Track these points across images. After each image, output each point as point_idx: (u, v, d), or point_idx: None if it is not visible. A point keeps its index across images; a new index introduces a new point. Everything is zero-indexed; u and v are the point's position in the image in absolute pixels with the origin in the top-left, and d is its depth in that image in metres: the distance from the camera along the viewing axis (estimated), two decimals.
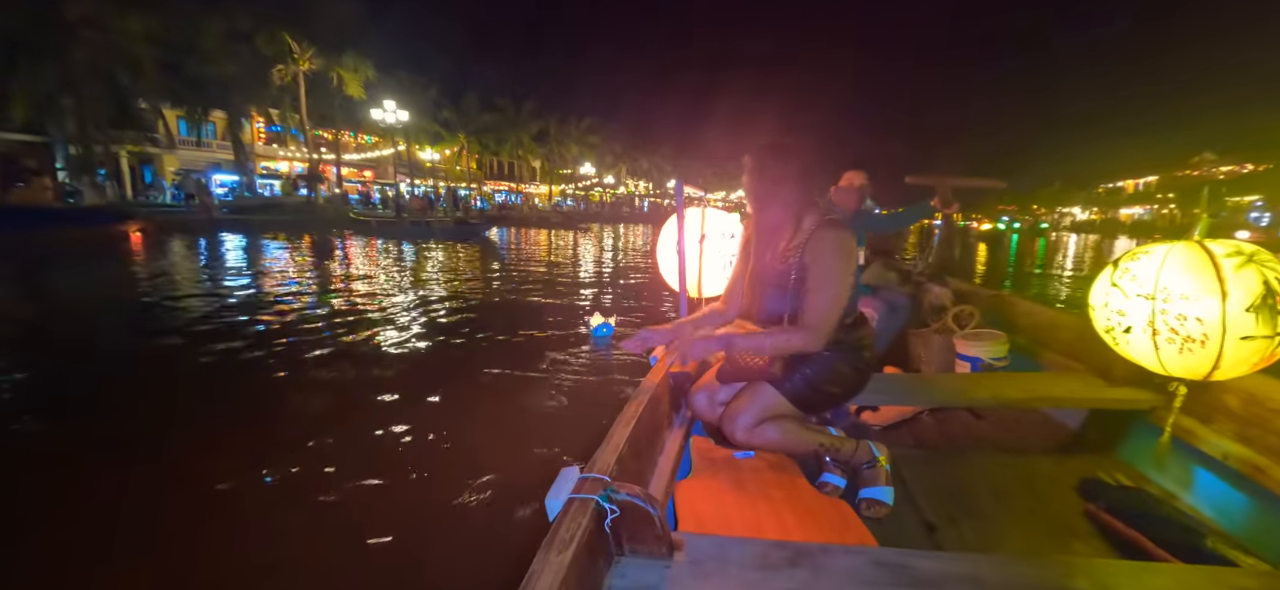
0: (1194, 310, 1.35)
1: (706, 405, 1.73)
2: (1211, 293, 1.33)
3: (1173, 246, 1.43)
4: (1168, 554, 1.29)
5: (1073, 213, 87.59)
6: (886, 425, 2.12)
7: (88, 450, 3.13)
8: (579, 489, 1.01)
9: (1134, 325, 1.47)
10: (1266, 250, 1.36)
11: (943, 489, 1.70)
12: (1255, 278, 1.31)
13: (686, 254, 1.99)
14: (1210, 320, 1.33)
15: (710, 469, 1.75)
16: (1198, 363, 1.38)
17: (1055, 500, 1.62)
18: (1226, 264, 1.34)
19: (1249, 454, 1.47)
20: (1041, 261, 19.15)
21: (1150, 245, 1.49)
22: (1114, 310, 1.52)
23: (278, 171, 34.90)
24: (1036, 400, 1.89)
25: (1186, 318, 1.36)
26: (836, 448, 1.69)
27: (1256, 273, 1.31)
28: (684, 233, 1.89)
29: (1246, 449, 1.49)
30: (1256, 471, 1.44)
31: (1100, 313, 1.57)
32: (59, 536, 2.37)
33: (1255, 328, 1.30)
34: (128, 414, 3.62)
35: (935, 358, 2.45)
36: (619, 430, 1.32)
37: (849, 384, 1.67)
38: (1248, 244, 1.37)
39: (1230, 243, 1.38)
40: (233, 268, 11.02)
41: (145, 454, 3.02)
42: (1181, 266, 1.39)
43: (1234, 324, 1.31)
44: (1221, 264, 1.34)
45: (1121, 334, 1.51)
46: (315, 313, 6.82)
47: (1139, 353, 1.49)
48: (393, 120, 29.28)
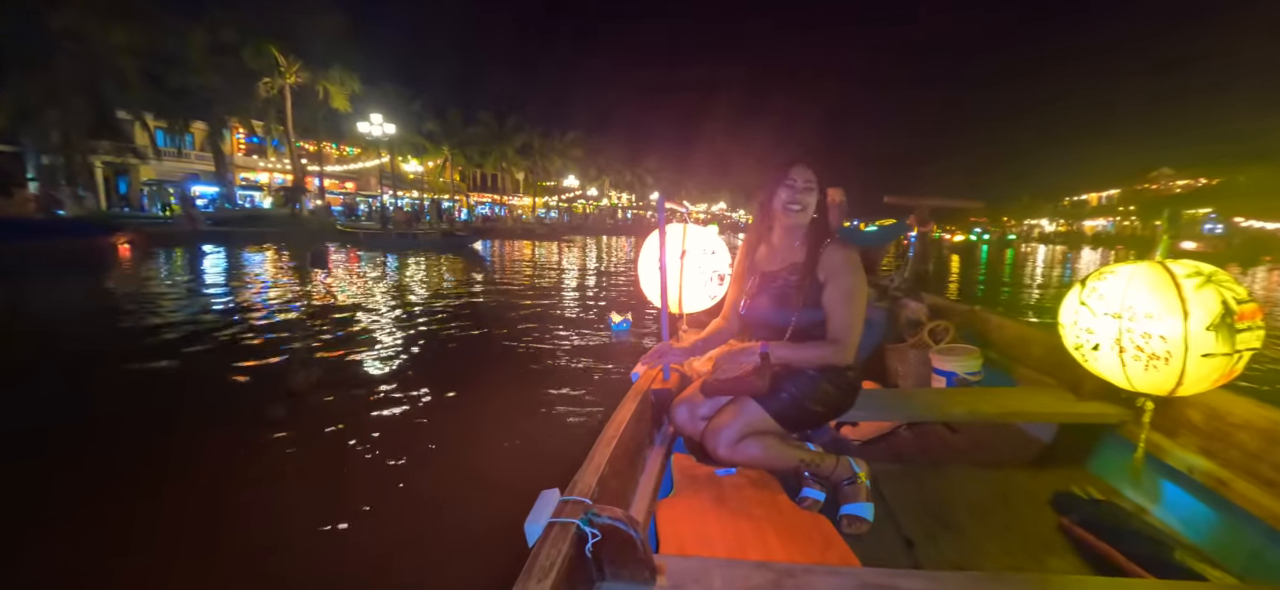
0: (1158, 328, 1.38)
1: (688, 420, 1.72)
2: (1174, 312, 1.36)
3: (1137, 267, 1.47)
4: (1139, 568, 1.31)
5: (1041, 224, 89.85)
6: (865, 440, 2.13)
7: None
8: (559, 513, 0.98)
9: (1102, 343, 1.50)
10: (1223, 271, 1.40)
11: (921, 504, 1.70)
12: (1214, 298, 1.34)
13: (668, 270, 1.99)
14: (1173, 338, 1.36)
15: (692, 487, 1.73)
16: (1162, 379, 1.41)
17: (1030, 514, 1.64)
18: (1187, 284, 1.37)
19: (1213, 467, 1.51)
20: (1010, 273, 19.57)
21: (1116, 265, 1.52)
22: (1083, 328, 1.55)
23: (258, 183, 34.29)
24: (1010, 415, 1.92)
25: (1151, 336, 1.39)
26: (817, 464, 1.69)
27: (1215, 293, 1.35)
28: (665, 248, 1.88)
29: (1211, 463, 1.52)
30: (1220, 485, 1.47)
31: (1070, 330, 1.60)
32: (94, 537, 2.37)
33: (1215, 345, 1.33)
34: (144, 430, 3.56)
35: (912, 372, 2.48)
36: (600, 450, 1.30)
37: (833, 403, 1.68)
38: (1206, 266, 1.41)
39: (1190, 263, 1.42)
40: (235, 280, 10.94)
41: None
42: (1145, 286, 1.42)
43: (1195, 342, 1.34)
44: (1182, 284, 1.38)
45: (1090, 351, 1.54)
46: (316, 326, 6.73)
47: (1107, 369, 1.51)
48: (379, 133, 28.99)
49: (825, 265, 1.59)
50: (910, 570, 1.38)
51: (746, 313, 1.75)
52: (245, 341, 6.02)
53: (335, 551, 2.34)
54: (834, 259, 1.59)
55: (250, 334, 6.38)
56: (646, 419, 1.78)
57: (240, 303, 8.24)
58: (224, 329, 6.54)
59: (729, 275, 2.05)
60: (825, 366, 1.62)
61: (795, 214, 1.65)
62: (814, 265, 1.61)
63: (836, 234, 1.70)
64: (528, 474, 2.57)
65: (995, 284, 16.24)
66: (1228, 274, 1.40)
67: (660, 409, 1.83)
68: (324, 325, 6.86)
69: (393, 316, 7.54)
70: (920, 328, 2.63)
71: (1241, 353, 1.35)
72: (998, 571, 1.37)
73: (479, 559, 2.19)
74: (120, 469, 2.95)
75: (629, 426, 1.52)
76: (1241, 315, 1.34)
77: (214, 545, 2.34)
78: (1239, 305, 1.34)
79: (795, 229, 1.68)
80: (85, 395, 4.17)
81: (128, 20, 20.60)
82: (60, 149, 21.56)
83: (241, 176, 33.31)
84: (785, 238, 1.70)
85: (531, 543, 0.92)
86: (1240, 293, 1.36)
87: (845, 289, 1.56)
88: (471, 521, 2.49)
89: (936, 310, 2.87)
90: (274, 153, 33.90)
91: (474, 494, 2.69)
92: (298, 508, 2.64)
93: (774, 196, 1.67)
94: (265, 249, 17.41)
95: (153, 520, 2.46)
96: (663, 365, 1.94)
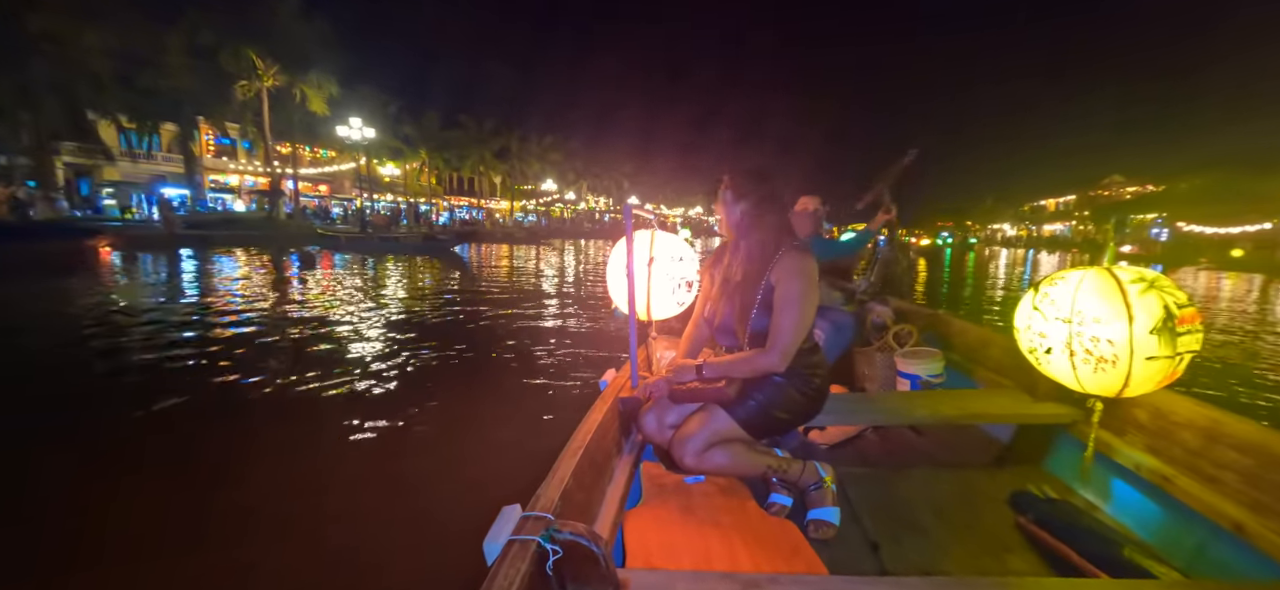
0: (1105, 333, 1.42)
1: (656, 428, 1.70)
2: (1120, 317, 1.40)
3: (1085, 273, 1.51)
4: (1092, 566, 1.34)
5: (1003, 228, 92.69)
6: (833, 444, 2.14)
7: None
8: (520, 530, 0.95)
9: (1054, 346, 1.53)
10: (1165, 277, 1.45)
11: (886, 506, 1.72)
12: (1157, 303, 1.38)
13: (636, 277, 1.97)
14: (1119, 342, 1.40)
15: (660, 495, 1.72)
16: (1111, 381, 1.45)
17: (990, 514, 1.66)
18: (1132, 289, 1.41)
19: (1159, 465, 1.55)
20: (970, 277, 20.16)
21: (1066, 271, 1.56)
22: (1036, 332, 1.59)
23: (228, 185, 33.24)
24: (970, 416, 1.95)
25: (1099, 339, 1.43)
26: (784, 469, 1.69)
27: (1157, 298, 1.39)
28: (633, 256, 1.86)
29: (1156, 460, 1.57)
30: (1165, 481, 1.51)
31: (1024, 334, 1.64)
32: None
33: (1158, 349, 1.37)
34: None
35: (878, 375, 2.51)
36: (564, 463, 1.27)
37: (799, 410, 1.68)
38: (1150, 271, 1.45)
39: (1135, 270, 1.46)
40: (225, 285, 10.61)
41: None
42: (1093, 292, 1.46)
43: (1140, 345, 1.38)
44: (1128, 290, 1.41)
45: (1043, 354, 1.57)
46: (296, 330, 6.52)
47: (1059, 372, 1.55)
48: (359, 137, 28.42)
49: (776, 270, 1.58)
50: (875, 577, 1.39)
51: (716, 321, 1.75)
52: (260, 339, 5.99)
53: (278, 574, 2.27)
54: (785, 264, 1.57)
55: (266, 330, 6.43)
56: (614, 428, 1.76)
57: (247, 304, 8.15)
58: (224, 329, 6.46)
59: (697, 282, 2.04)
60: (761, 373, 1.59)
61: (735, 221, 1.67)
62: (767, 271, 1.60)
63: (806, 241, 1.71)
64: (508, 486, 2.51)
65: (957, 285, 16.73)
66: (1169, 279, 1.45)
67: (628, 417, 1.81)
68: (327, 325, 6.90)
69: (385, 318, 7.51)
70: (886, 331, 2.66)
71: (1182, 355, 1.39)
72: (961, 576, 1.39)
73: (440, 583, 2.13)
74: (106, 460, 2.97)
75: (595, 436, 1.50)
76: (1182, 319, 1.38)
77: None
78: (1180, 310, 1.39)
79: (759, 237, 1.67)
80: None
81: (106, 22, 20.21)
82: (31, 151, 20.92)
83: (210, 179, 32.24)
84: (748, 246, 1.70)
85: (490, 562, 0.90)
86: (1181, 297, 1.41)
87: (788, 294, 1.54)
88: (434, 538, 2.43)
89: (902, 314, 2.92)
90: (245, 154, 32.93)
91: (439, 509, 2.63)
92: (248, 514, 2.58)
93: (734, 209, 1.67)
94: (248, 252, 17.10)
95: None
96: (630, 372, 1.93)
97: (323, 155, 35.94)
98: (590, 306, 9.04)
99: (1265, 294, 14.84)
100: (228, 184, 33.40)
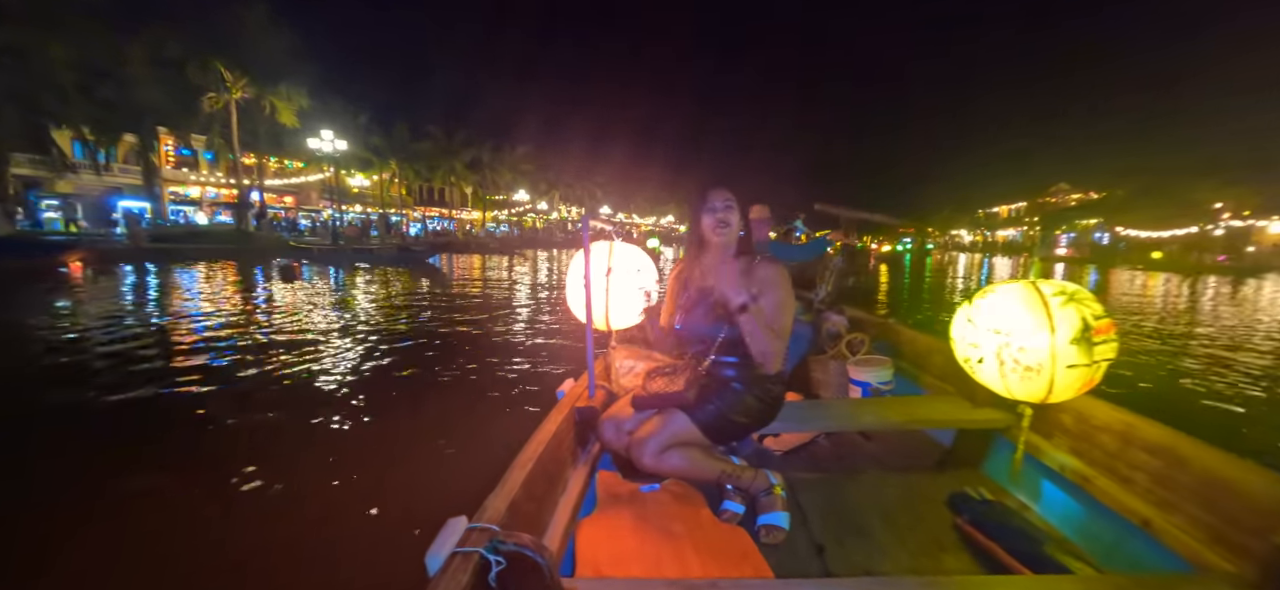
0: (1030, 343, 1.49)
1: (615, 436, 1.71)
2: (1043, 328, 1.47)
3: (1012, 287, 1.58)
4: (1018, 563, 1.40)
5: (961, 235, 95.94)
6: (787, 450, 2.18)
7: None
8: (464, 542, 0.94)
9: (985, 356, 1.60)
10: (1085, 290, 1.53)
11: (834, 511, 1.76)
12: (1075, 314, 1.46)
13: (595, 287, 1.98)
14: (1042, 351, 1.47)
15: (614, 504, 1.72)
16: (1036, 388, 1.52)
17: (930, 515, 1.72)
18: (1053, 302, 1.49)
19: (1081, 466, 1.63)
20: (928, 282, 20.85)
21: (995, 285, 1.63)
22: (969, 342, 1.65)
23: (189, 198, 31.93)
24: (915, 422, 2.01)
25: (1026, 349, 1.50)
26: (737, 476, 1.72)
27: (1076, 310, 1.47)
28: (590, 266, 1.87)
29: (1079, 462, 1.65)
30: (1085, 481, 1.59)
31: (959, 344, 1.70)
32: None
33: (1078, 357, 1.45)
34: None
35: (832, 382, 2.56)
36: (514, 474, 1.27)
37: (756, 416, 1.72)
38: (1070, 284, 1.53)
39: (1057, 283, 1.54)
40: (212, 296, 10.42)
41: None
42: (1019, 305, 1.53)
43: (1061, 354, 1.46)
44: (1050, 302, 1.49)
45: (976, 363, 1.64)
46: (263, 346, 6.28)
47: (990, 379, 1.62)
48: (330, 149, 27.70)
49: (757, 280, 1.63)
50: (818, 578, 1.42)
51: (682, 328, 1.77)
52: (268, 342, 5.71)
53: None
54: (764, 275, 1.64)
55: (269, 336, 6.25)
56: (569, 437, 1.76)
57: (233, 318, 7.96)
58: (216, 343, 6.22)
59: (656, 292, 2.06)
60: (751, 373, 1.67)
61: (722, 233, 1.69)
62: (747, 282, 1.64)
63: (762, 248, 1.76)
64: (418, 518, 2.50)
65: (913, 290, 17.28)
66: (1088, 292, 1.53)
67: (585, 426, 1.81)
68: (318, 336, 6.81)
69: (364, 328, 7.45)
70: (840, 340, 2.73)
71: (1099, 363, 1.47)
72: (897, 576, 1.44)
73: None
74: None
75: (549, 446, 1.50)
76: (1098, 330, 1.46)
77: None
78: (1096, 321, 1.46)
79: (725, 247, 1.72)
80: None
81: (72, 35, 19.63)
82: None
83: (170, 191, 30.91)
84: (717, 256, 1.74)
85: (432, 575, 0.89)
86: (1097, 309, 1.49)
87: (775, 302, 1.62)
88: (380, 554, 2.38)
89: (856, 322, 2.99)
90: (206, 166, 31.71)
91: (388, 523, 2.58)
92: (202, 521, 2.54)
93: (701, 220, 1.71)
94: (220, 267, 16.44)
95: None
96: (588, 382, 1.93)
97: (288, 166, 34.88)
98: (561, 316, 9.00)
99: (1176, 289, 16.70)
100: (189, 196, 32.08)
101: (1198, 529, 1.29)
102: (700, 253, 1.76)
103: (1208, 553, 1.25)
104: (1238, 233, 41.36)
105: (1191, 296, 15.14)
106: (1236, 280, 21.69)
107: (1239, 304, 13.40)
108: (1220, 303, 13.70)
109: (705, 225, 1.70)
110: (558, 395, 1.93)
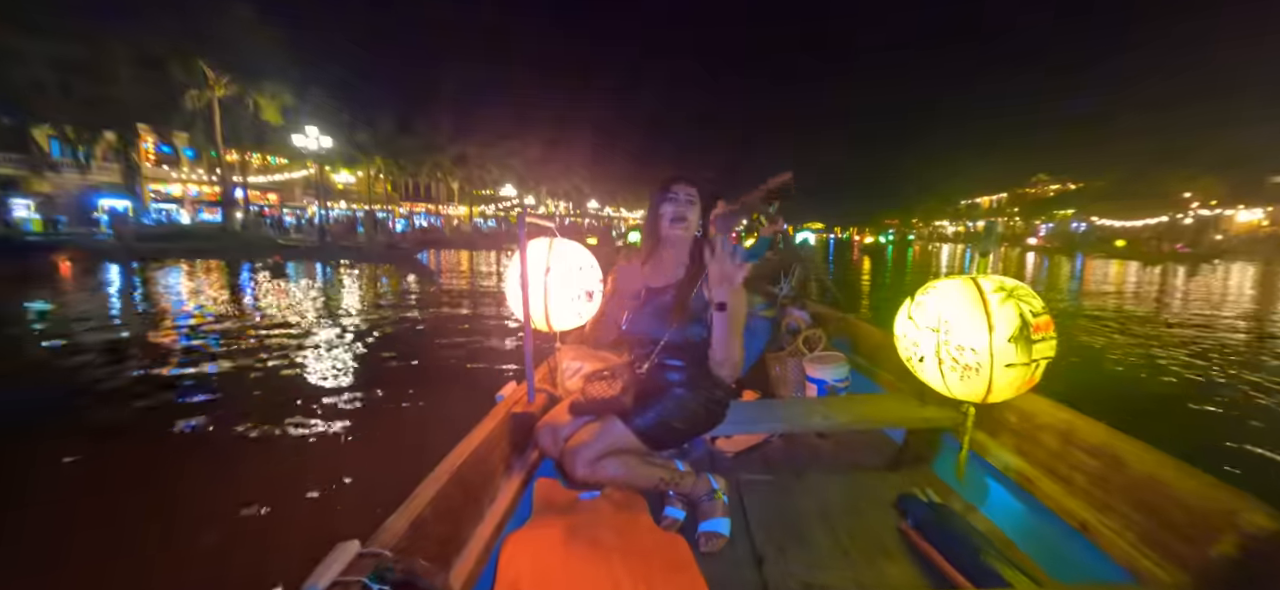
0: (969, 341, 1.43)
1: (552, 442, 1.62)
2: (981, 326, 1.41)
3: (951, 283, 1.52)
4: (960, 575, 1.33)
5: (944, 226, 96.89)
6: (738, 452, 2.11)
7: None
8: (352, 569, 0.86)
9: (925, 355, 1.54)
10: (1024, 286, 1.46)
11: (780, 516, 1.69)
12: (1014, 312, 1.40)
13: (534, 287, 1.89)
14: (981, 349, 1.41)
15: (549, 515, 1.64)
16: (976, 388, 1.46)
17: (876, 518, 1.66)
18: (993, 299, 1.42)
19: (1024, 466, 1.58)
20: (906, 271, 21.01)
21: (935, 282, 1.57)
22: (910, 341, 1.59)
23: (170, 195, 31.18)
24: (867, 421, 1.95)
25: (964, 348, 1.44)
26: (678, 482, 1.64)
27: (1015, 307, 1.40)
28: (527, 265, 1.78)
29: (1022, 461, 1.59)
30: (1028, 482, 1.54)
31: (902, 342, 1.64)
32: None
33: (1016, 356, 1.39)
34: None
35: (789, 380, 2.50)
36: (424, 490, 1.18)
37: (699, 421, 1.64)
38: (1010, 281, 1.47)
39: (996, 278, 1.48)
40: (211, 294, 10.40)
41: None
42: (958, 301, 1.46)
43: (1000, 353, 1.39)
44: (989, 299, 1.42)
45: (918, 362, 1.58)
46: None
47: (931, 379, 1.55)
48: (316, 147, 27.19)
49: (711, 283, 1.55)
50: None
51: (629, 328, 1.68)
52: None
53: None
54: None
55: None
56: (504, 444, 1.67)
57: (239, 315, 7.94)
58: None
59: (598, 292, 1.97)
60: (697, 376, 1.60)
61: (680, 228, 1.61)
62: (699, 281, 1.58)
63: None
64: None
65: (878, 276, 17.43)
66: (1027, 288, 1.46)
67: (522, 432, 1.73)
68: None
69: (357, 325, 7.39)
70: (799, 336, 2.66)
71: (1038, 362, 1.41)
72: (834, 584, 1.38)
73: None
74: None
75: (477, 455, 1.41)
76: (1037, 327, 1.40)
77: None
78: (1034, 318, 1.40)
79: (681, 244, 1.64)
80: None
81: (53, 33, 19.24)
82: None
83: (150, 189, 30.16)
84: (671, 253, 1.66)
85: None
86: (1036, 306, 1.43)
87: (736, 308, 1.52)
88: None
89: (816, 318, 2.93)
90: (187, 163, 30.96)
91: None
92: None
93: (659, 214, 1.62)
94: (210, 266, 16.11)
95: None
96: (527, 385, 1.84)
97: (271, 162, 34.18)
98: None
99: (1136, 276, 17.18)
100: (169, 194, 31.34)
101: (1133, 534, 1.24)
102: (655, 248, 1.67)
103: (1144, 560, 1.20)
104: (1206, 221, 42.36)
105: (1144, 282, 15.53)
106: (1192, 267, 22.24)
107: (1188, 289, 13.80)
108: (1173, 288, 14.04)
109: (663, 221, 1.61)
110: (496, 399, 1.85)
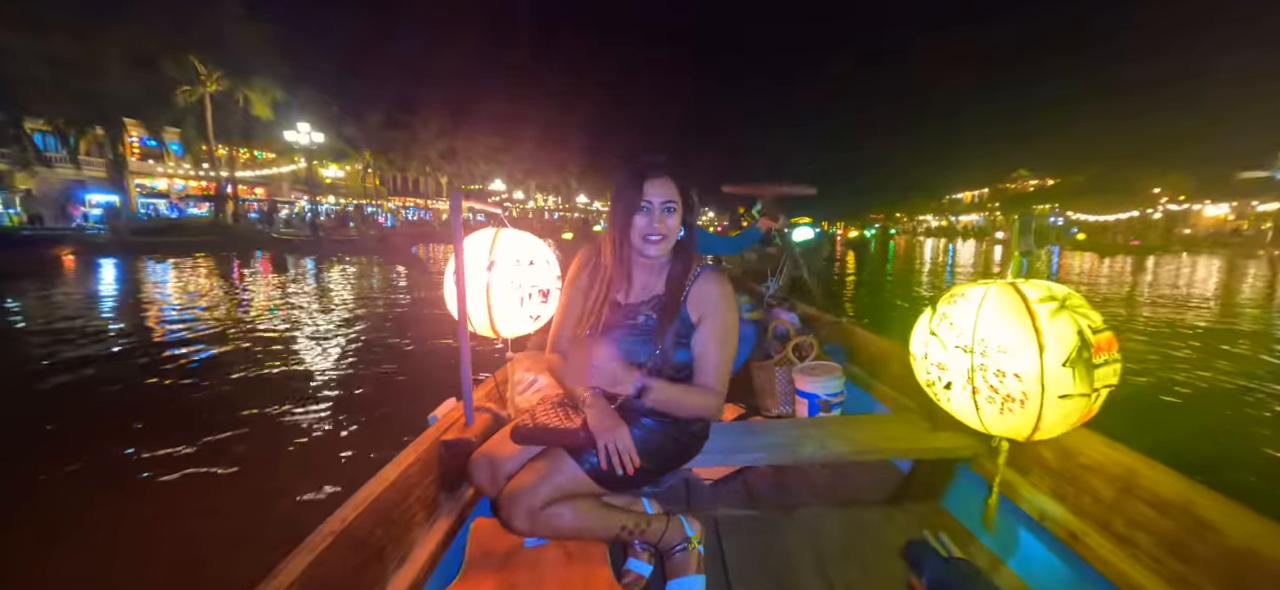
0: (1013, 365, 1.08)
1: (488, 479, 1.26)
2: (1029, 345, 1.06)
3: (989, 289, 1.17)
4: None
5: (928, 220, 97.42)
6: (717, 479, 1.77)
7: None
8: None
9: (954, 381, 1.19)
10: (1077, 294, 1.12)
11: (766, 563, 1.35)
12: (1069, 327, 1.06)
13: (474, 287, 1.51)
14: (1029, 376, 1.06)
15: (485, 566, 1.27)
16: (1019, 424, 1.12)
17: (880, 570, 1.32)
18: (1041, 311, 1.08)
19: (1065, 516, 1.25)
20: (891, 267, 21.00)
21: (967, 287, 1.22)
22: (934, 363, 1.24)
23: (157, 190, 30.17)
24: (868, 451, 1.61)
25: (1005, 374, 1.09)
26: (644, 529, 1.29)
27: (1070, 321, 1.06)
28: (463, 261, 1.40)
29: (1063, 510, 1.26)
30: (1073, 539, 1.20)
31: (921, 365, 1.29)
32: None
33: (1073, 385, 1.05)
34: None
35: (777, 391, 2.16)
36: (329, 526, 0.88)
37: (668, 458, 1.29)
38: (1060, 288, 1.13)
39: (1043, 285, 1.14)
40: (216, 287, 10.47)
41: None
42: (998, 313, 1.12)
43: (1052, 382, 1.05)
44: (1036, 311, 1.08)
45: (943, 389, 1.23)
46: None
47: (961, 410, 1.21)
48: (307, 141, 26.56)
49: (697, 300, 1.24)
50: None
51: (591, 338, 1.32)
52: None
53: None
54: (708, 292, 1.24)
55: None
56: (431, 478, 1.31)
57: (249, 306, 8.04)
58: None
59: (554, 291, 1.60)
60: (699, 416, 1.30)
61: (656, 245, 1.21)
62: (682, 298, 1.24)
63: (717, 260, 1.33)
64: None
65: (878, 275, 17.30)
66: (1081, 296, 1.12)
67: (456, 462, 1.36)
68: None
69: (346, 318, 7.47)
70: (787, 342, 2.32)
71: (1099, 391, 1.07)
72: None
73: None
74: None
75: (396, 489, 1.09)
76: (1098, 347, 1.06)
77: None
78: (1095, 335, 1.06)
79: (657, 267, 1.29)
80: None
81: (49, 29, 19.08)
82: None
83: (137, 183, 29.16)
84: (647, 268, 1.30)
85: None
86: (1095, 320, 1.09)
87: (720, 330, 1.23)
88: None
89: (807, 322, 2.59)
90: (173, 158, 29.95)
91: None
92: None
93: (627, 228, 1.23)
94: (208, 259, 15.90)
95: None
96: (465, 406, 1.48)
97: (258, 157, 33.23)
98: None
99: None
100: (156, 188, 30.33)
101: None
102: (623, 259, 1.28)
103: None
104: (1175, 215, 43.00)
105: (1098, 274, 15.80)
106: (1139, 259, 23.41)
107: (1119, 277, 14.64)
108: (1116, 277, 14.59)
109: (636, 231, 1.22)
110: (429, 420, 1.48)
